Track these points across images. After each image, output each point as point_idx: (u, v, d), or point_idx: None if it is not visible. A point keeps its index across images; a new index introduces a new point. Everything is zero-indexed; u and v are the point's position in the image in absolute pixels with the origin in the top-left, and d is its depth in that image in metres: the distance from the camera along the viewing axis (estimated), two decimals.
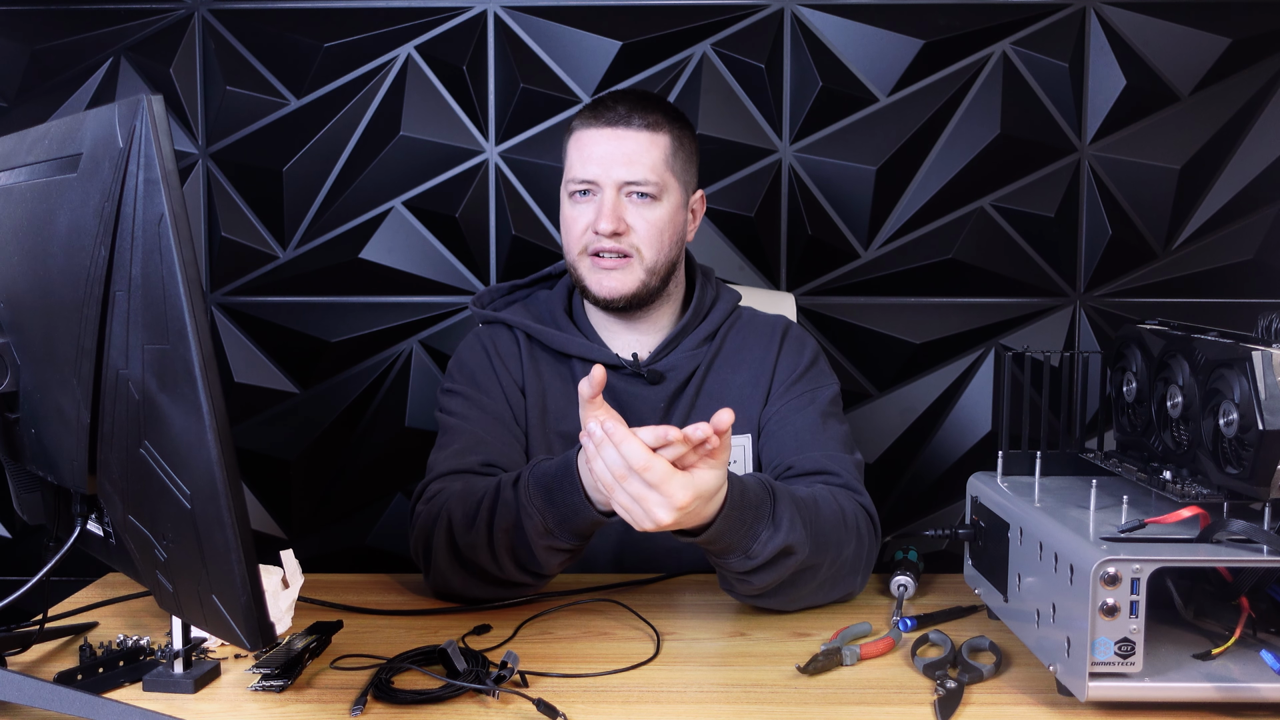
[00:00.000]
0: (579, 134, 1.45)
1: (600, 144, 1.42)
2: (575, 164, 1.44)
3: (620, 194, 1.42)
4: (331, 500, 2.16)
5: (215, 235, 2.12)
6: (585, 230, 1.43)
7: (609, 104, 1.44)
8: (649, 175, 1.42)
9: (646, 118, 1.42)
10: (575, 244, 1.45)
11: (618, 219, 1.41)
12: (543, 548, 1.21)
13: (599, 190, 1.42)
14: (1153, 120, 2.05)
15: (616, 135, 1.42)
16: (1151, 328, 1.23)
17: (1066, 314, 2.10)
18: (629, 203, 1.42)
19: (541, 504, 1.20)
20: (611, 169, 1.41)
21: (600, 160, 1.42)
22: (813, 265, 2.10)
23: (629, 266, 1.43)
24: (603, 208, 1.41)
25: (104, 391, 0.93)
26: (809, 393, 1.46)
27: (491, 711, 1.01)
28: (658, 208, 1.43)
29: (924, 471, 2.13)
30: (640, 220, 1.42)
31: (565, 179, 1.46)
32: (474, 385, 1.46)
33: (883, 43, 2.05)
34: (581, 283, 1.46)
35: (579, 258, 1.45)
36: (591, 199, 1.43)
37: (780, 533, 1.15)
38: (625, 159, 1.41)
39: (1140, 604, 0.95)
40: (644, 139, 1.42)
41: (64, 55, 2.09)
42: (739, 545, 1.15)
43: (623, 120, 1.42)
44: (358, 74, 2.08)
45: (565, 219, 1.46)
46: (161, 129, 0.84)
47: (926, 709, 1.02)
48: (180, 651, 1.05)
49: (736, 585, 1.22)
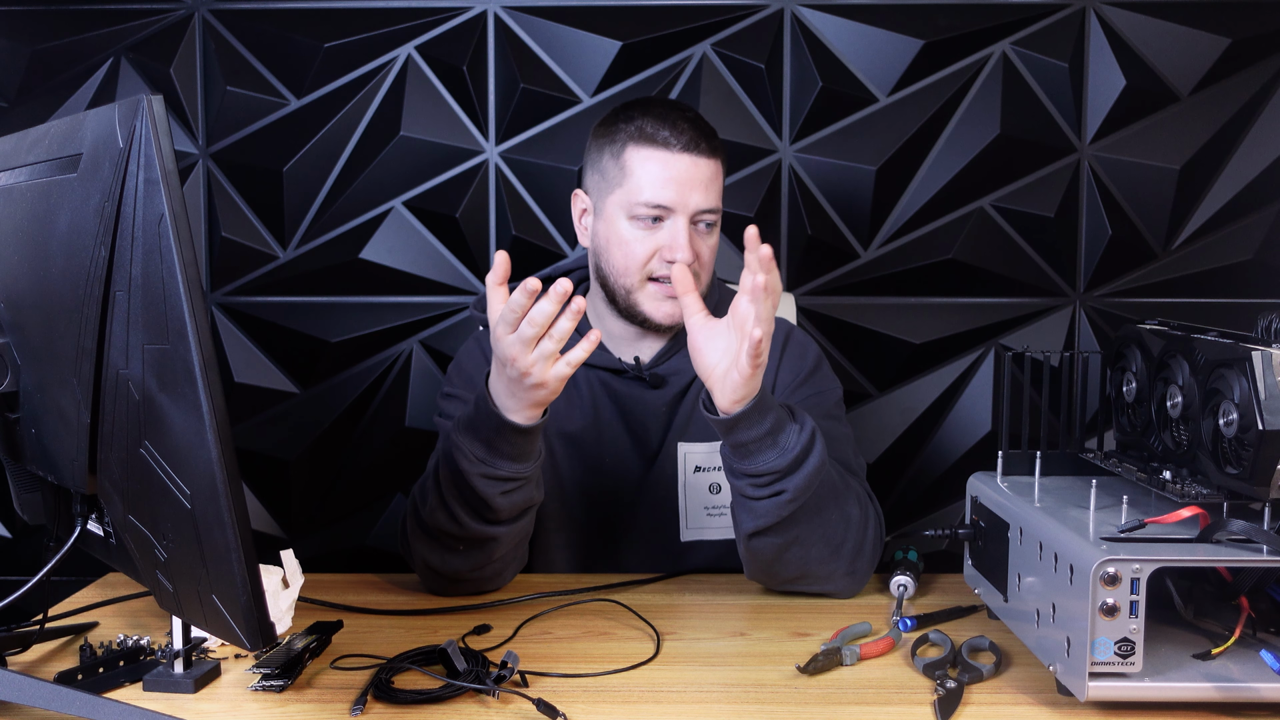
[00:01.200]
0: (645, 154, 1.38)
1: (678, 168, 1.37)
2: (646, 186, 1.38)
3: (689, 221, 1.39)
4: (331, 500, 2.16)
5: (215, 235, 2.12)
6: (652, 257, 1.40)
7: (674, 124, 1.38)
8: (717, 204, 1.41)
9: (712, 141, 1.40)
10: (637, 268, 1.40)
11: (695, 251, 1.39)
12: (479, 477, 1.24)
13: (670, 216, 1.38)
14: (1153, 120, 2.05)
15: (693, 161, 1.38)
16: (1151, 328, 1.23)
17: (1066, 314, 2.10)
18: (695, 231, 1.40)
19: (468, 436, 1.24)
20: (689, 197, 1.38)
21: (679, 186, 1.37)
22: (813, 265, 2.10)
23: None
24: (678, 238, 1.37)
25: (104, 391, 0.93)
26: (812, 396, 1.46)
27: (491, 711, 1.01)
28: (715, 234, 1.43)
29: (924, 471, 2.13)
30: (704, 248, 1.41)
31: (626, 198, 1.39)
32: (472, 389, 1.46)
33: (883, 43, 2.05)
34: (636, 306, 1.43)
35: (639, 283, 1.41)
36: (660, 225, 1.39)
37: (806, 426, 1.22)
38: (701, 186, 1.38)
39: (1140, 604, 0.95)
40: (714, 167, 1.40)
41: (64, 55, 2.09)
42: (770, 435, 1.20)
43: (694, 146, 1.38)
44: (358, 74, 2.08)
45: (625, 240, 1.40)
46: (161, 129, 0.84)
47: (926, 709, 1.02)
48: (180, 651, 1.05)
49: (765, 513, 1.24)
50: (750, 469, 1.22)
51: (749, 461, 1.22)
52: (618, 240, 1.41)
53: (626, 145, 1.40)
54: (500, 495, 1.25)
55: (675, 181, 1.37)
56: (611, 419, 1.46)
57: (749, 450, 1.21)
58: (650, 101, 1.44)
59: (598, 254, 1.45)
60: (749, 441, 1.20)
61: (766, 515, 1.23)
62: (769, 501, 1.22)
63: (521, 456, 1.25)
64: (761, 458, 1.21)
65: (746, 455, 1.21)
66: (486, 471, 1.24)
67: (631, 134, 1.40)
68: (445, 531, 1.28)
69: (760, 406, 1.20)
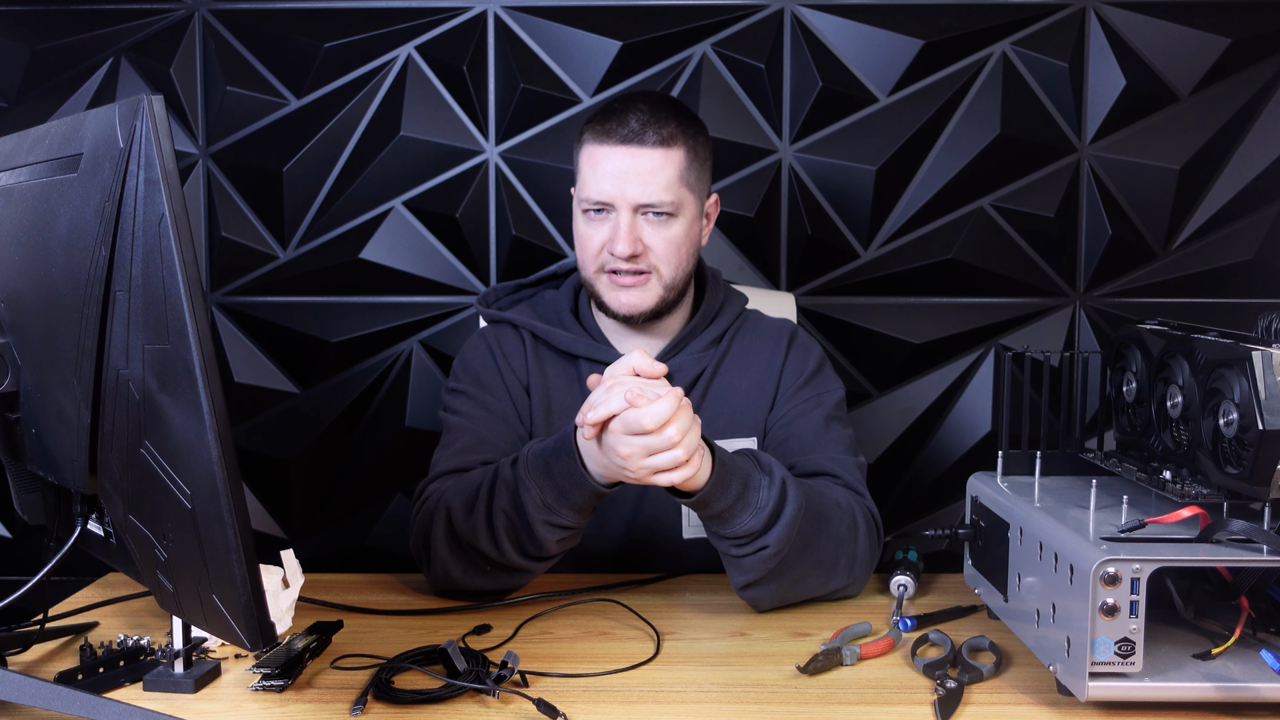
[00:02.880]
0: (591, 149, 1.40)
1: (613, 161, 1.37)
2: (588, 182, 1.40)
3: (636, 214, 1.39)
4: (331, 500, 2.16)
5: (215, 235, 2.12)
6: (601, 250, 1.41)
7: (621, 117, 1.38)
8: (664, 195, 1.38)
9: (661, 131, 1.37)
10: (591, 262, 1.43)
11: (634, 241, 1.38)
12: (541, 523, 1.22)
13: (613, 211, 1.39)
14: (1153, 120, 2.05)
15: (630, 154, 1.37)
16: (1151, 328, 1.23)
17: (1066, 314, 2.10)
18: (645, 222, 1.39)
19: (540, 477, 1.21)
20: (626, 190, 1.37)
21: (614, 180, 1.37)
22: (813, 265, 2.10)
23: (647, 283, 1.42)
24: (619, 230, 1.38)
25: (104, 391, 0.93)
26: (814, 397, 1.46)
27: (491, 711, 1.01)
28: (674, 225, 1.41)
29: (924, 471, 2.13)
30: (657, 239, 1.40)
31: (578, 195, 1.43)
32: (479, 385, 1.46)
33: (883, 43, 2.05)
34: (599, 298, 1.44)
35: (595, 275, 1.43)
36: (606, 218, 1.40)
37: (775, 476, 1.20)
38: (640, 179, 1.37)
39: (1140, 604, 0.95)
40: (658, 157, 1.37)
41: (64, 55, 2.09)
42: (741, 498, 1.18)
43: (636, 136, 1.37)
44: (358, 74, 2.08)
45: (579, 235, 1.43)
46: (162, 129, 0.84)
47: (926, 709, 1.02)
48: (180, 651, 1.05)
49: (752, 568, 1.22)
50: (729, 532, 1.21)
51: (726, 526, 1.20)
52: (577, 235, 1.44)
53: (583, 143, 1.43)
54: (556, 541, 1.25)
55: (611, 175, 1.38)
56: None
57: (723, 518, 1.20)
58: (620, 96, 1.45)
59: None
60: (721, 511, 1.19)
61: (754, 569, 1.23)
62: (754, 558, 1.22)
63: (588, 510, 1.24)
64: (736, 521, 1.19)
65: (722, 522, 1.20)
66: (551, 519, 1.22)
67: (587, 131, 1.42)
68: (483, 554, 1.27)
69: (722, 478, 1.17)
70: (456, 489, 1.30)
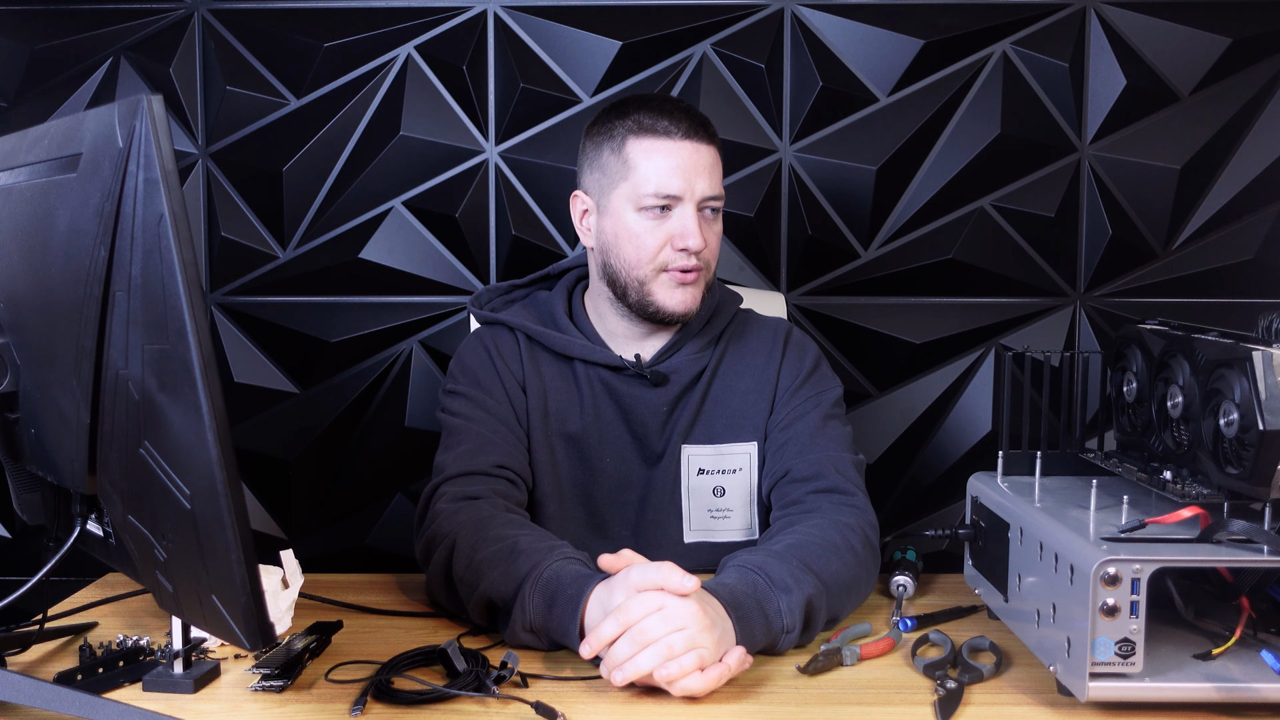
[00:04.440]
0: (647, 145, 1.39)
1: (679, 156, 1.38)
2: (652, 177, 1.38)
3: (696, 208, 1.39)
4: (331, 500, 2.16)
5: (215, 235, 2.12)
6: (663, 247, 1.39)
7: (674, 114, 1.39)
8: (720, 189, 1.41)
9: (708, 129, 1.41)
10: (649, 260, 1.40)
11: (704, 237, 1.39)
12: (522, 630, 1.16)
13: (678, 205, 1.39)
14: (1153, 120, 2.05)
15: (694, 148, 1.38)
16: (1151, 328, 1.23)
17: (1066, 314, 2.10)
18: (701, 218, 1.40)
19: (540, 609, 1.15)
20: (695, 183, 1.38)
21: (684, 174, 1.37)
22: (813, 265, 2.10)
23: (698, 281, 1.42)
24: (688, 225, 1.38)
25: (104, 391, 0.93)
26: (812, 397, 1.46)
27: (491, 712, 1.01)
28: (719, 221, 1.44)
29: (924, 471, 2.13)
30: (711, 235, 1.42)
31: (634, 190, 1.39)
32: (477, 385, 1.46)
33: (883, 43, 2.05)
34: (648, 298, 1.42)
35: (652, 274, 1.41)
36: (667, 216, 1.39)
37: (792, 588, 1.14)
38: (705, 173, 1.39)
39: (1141, 604, 0.95)
40: (714, 153, 1.41)
41: (64, 55, 2.09)
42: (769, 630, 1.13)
43: (693, 134, 1.38)
44: (358, 74, 2.08)
45: (634, 234, 1.40)
46: (161, 129, 0.84)
47: (926, 709, 1.02)
48: (180, 651, 1.05)
49: None
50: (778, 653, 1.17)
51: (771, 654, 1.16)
52: (627, 234, 1.41)
53: (627, 139, 1.40)
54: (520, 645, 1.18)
55: (680, 169, 1.38)
56: (612, 418, 1.46)
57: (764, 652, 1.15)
58: (641, 96, 1.45)
59: (605, 251, 1.44)
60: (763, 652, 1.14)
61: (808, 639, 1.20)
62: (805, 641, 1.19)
63: None
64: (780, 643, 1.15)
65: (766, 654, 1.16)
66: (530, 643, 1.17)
67: (630, 128, 1.40)
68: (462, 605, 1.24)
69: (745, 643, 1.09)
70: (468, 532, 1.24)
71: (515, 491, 1.38)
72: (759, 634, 1.12)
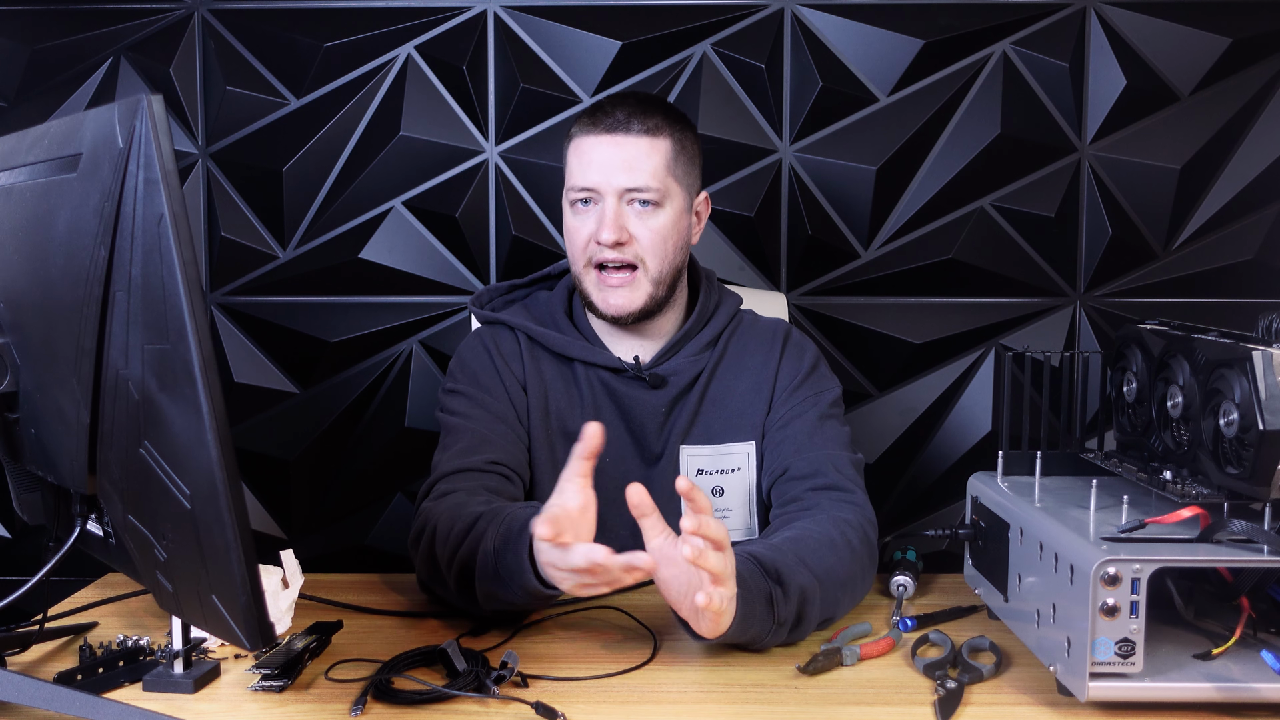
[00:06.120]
0: (578, 140, 1.43)
1: (599, 150, 1.40)
2: (575, 171, 1.42)
3: (622, 202, 1.40)
4: (331, 500, 2.16)
5: (215, 235, 2.12)
6: (588, 241, 1.41)
7: (607, 109, 1.42)
8: (650, 181, 1.39)
9: (646, 122, 1.40)
10: (579, 256, 1.43)
11: (620, 228, 1.39)
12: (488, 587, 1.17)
13: (600, 199, 1.40)
14: (1153, 120, 2.05)
15: (616, 141, 1.39)
16: (1151, 328, 1.23)
17: (1066, 314, 2.10)
18: (631, 211, 1.40)
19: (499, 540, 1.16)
20: (612, 176, 1.39)
21: (600, 167, 1.39)
22: (813, 265, 2.10)
23: (635, 282, 1.41)
24: (604, 217, 1.39)
25: (104, 391, 0.93)
26: (811, 397, 1.46)
27: (491, 712, 1.01)
28: (660, 215, 1.41)
29: (924, 471, 2.13)
30: (643, 229, 1.40)
31: (566, 187, 1.44)
32: (476, 385, 1.46)
33: (883, 43, 2.05)
34: (587, 297, 1.44)
35: (584, 271, 1.43)
36: (593, 208, 1.41)
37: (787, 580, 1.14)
38: (626, 165, 1.39)
39: (1140, 604, 0.95)
40: (644, 144, 1.40)
41: (64, 55, 2.09)
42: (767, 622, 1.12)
43: (622, 126, 1.40)
44: (358, 74, 2.08)
45: (568, 230, 1.44)
46: (161, 129, 0.84)
47: (926, 709, 1.02)
48: (180, 651, 1.05)
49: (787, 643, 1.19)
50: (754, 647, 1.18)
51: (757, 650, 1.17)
52: (566, 230, 1.45)
53: (571, 138, 1.44)
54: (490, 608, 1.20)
55: (597, 163, 1.40)
56: (612, 419, 1.46)
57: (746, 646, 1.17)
58: (608, 95, 1.45)
59: None
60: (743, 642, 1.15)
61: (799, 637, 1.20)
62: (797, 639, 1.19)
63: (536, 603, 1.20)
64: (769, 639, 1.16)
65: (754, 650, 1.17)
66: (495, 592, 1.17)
67: (574, 126, 1.44)
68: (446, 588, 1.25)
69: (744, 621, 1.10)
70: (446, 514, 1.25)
71: (509, 487, 1.38)
72: (758, 614, 1.11)
